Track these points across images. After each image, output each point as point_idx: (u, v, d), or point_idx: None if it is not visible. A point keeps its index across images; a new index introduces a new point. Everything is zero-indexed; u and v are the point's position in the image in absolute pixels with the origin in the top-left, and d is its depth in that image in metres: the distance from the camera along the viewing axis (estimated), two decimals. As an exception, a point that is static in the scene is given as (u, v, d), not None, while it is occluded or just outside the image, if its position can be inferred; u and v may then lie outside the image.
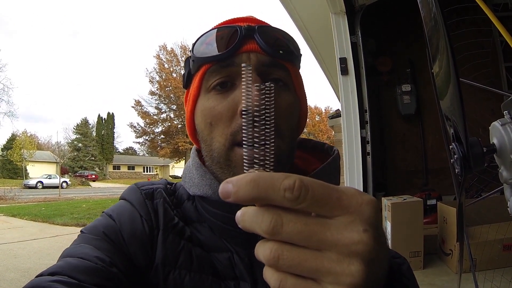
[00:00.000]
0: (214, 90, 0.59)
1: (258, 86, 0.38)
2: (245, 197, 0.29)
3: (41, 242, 7.37)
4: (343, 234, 0.28)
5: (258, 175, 0.29)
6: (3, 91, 30.72)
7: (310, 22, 4.30)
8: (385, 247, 0.31)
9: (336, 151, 0.71)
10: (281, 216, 0.29)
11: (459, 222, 1.51)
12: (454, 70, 0.84)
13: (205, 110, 0.60)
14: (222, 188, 0.30)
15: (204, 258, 0.58)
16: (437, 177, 4.23)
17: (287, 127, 0.59)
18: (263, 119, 0.37)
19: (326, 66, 5.69)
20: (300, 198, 0.28)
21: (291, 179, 0.28)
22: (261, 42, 0.58)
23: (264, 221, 0.29)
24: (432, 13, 0.87)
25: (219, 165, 0.59)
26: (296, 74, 0.64)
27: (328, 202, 0.29)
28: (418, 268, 2.98)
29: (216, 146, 0.58)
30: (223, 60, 0.59)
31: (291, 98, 0.61)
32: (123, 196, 0.66)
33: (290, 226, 0.28)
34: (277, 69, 0.60)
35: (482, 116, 2.98)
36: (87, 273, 0.48)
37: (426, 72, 3.41)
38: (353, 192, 0.30)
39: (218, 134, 0.58)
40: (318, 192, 0.29)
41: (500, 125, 1.17)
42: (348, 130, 3.45)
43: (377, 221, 0.30)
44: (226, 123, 0.57)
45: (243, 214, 0.30)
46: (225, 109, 0.57)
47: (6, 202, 15.69)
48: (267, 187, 0.28)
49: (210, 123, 0.59)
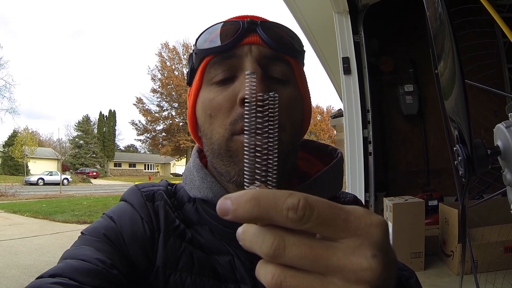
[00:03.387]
0: (215, 83, 0.59)
1: (262, 96, 0.36)
2: (245, 216, 0.27)
3: (41, 239, 7.38)
4: (350, 260, 0.26)
5: (259, 192, 0.27)
6: (5, 87, 30.90)
7: (313, 21, 4.29)
8: (394, 271, 0.29)
9: (339, 154, 0.70)
10: (284, 238, 0.27)
11: (462, 224, 1.51)
12: (460, 71, 0.84)
13: (205, 102, 0.60)
14: (220, 205, 0.28)
15: (205, 261, 0.58)
16: (439, 177, 4.23)
17: (288, 120, 0.58)
18: (265, 131, 0.35)
19: (328, 65, 5.67)
20: (305, 218, 0.26)
21: (295, 198, 0.27)
22: (263, 35, 0.58)
23: (265, 243, 0.27)
24: (438, 13, 0.86)
25: (220, 157, 0.57)
26: (299, 69, 0.63)
27: (335, 224, 0.27)
28: (419, 269, 2.97)
29: (216, 138, 0.57)
30: (224, 51, 0.58)
31: (293, 92, 0.60)
32: (123, 198, 0.65)
33: (293, 250, 0.27)
34: (279, 63, 0.59)
35: (484, 117, 2.98)
36: (87, 275, 0.48)
37: (428, 72, 3.39)
38: (361, 213, 0.28)
39: (218, 125, 0.57)
40: (323, 212, 0.27)
41: (504, 127, 1.16)
42: (350, 130, 3.44)
43: (387, 244, 0.28)
44: (225, 113, 0.56)
45: (243, 233, 0.29)
46: (225, 100, 0.56)
47: (7, 199, 15.73)
48: (269, 206, 0.27)
49: (210, 114, 0.58)
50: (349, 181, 3.42)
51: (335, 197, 0.72)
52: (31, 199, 15.74)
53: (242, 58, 0.58)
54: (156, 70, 39.40)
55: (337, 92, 6.90)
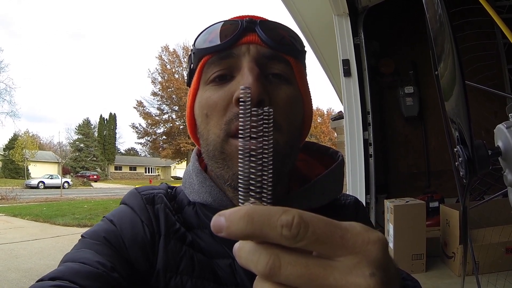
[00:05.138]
0: (212, 82, 0.58)
1: (256, 111, 0.35)
2: (238, 234, 0.27)
3: (42, 242, 7.38)
4: (347, 279, 0.25)
5: (253, 209, 0.27)
6: (5, 91, 30.95)
7: (313, 23, 4.29)
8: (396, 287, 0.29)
9: (340, 156, 0.69)
10: (279, 257, 0.26)
11: (463, 225, 1.50)
12: (460, 72, 0.83)
13: (201, 101, 0.59)
14: (214, 222, 0.28)
15: (206, 264, 0.58)
16: (439, 179, 4.22)
17: (285, 121, 0.57)
18: (260, 152, 0.34)
19: (328, 67, 5.67)
20: (299, 236, 0.26)
21: (289, 215, 0.26)
22: (262, 34, 0.57)
23: (260, 262, 0.26)
24: (438, 14, 0.86)
25: (215, 159, 0.57)
26: (299, 69, 0.62)
27: (331, 241, 0.26)
28: (420, 271, 2.97)
29: (212, 139, 0.57)
30: (222, 50, 0.58)
31: (292, 92, 0.59)
32: (123, 201, 0.65)
33: (288, 269, 0.26)
34: (278, 62, 0.59)
35: (485, 118, 2.98)
36: (88, 278, 0.48)
37: (429, 74, 3.39)
38: (359, 230, 0.27)
39: (213, 125, 0.56)
40: (319, 229, 0.26)
41: (505, 127, 1.16)
42: (350, 132, 3.43)
43: (386, 262, 0.27)
44: (221, 112, 0.56)
45: (239, 250, 0.28)
46: (221, 98, 0.56)
47: (7, 202, 15.74)
48: (263, 223, 0.26)
49: (206, 114, 0.58)
50: (350, 183, 3.41)
51: (336, 200, 0.72)
52: (32, 203, 15.74)
53: (239, 58, 0.57)
54: (157, 73, 39.50)
55: (337, 94, 6.90)
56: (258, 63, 0.56)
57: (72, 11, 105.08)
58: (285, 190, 0.65)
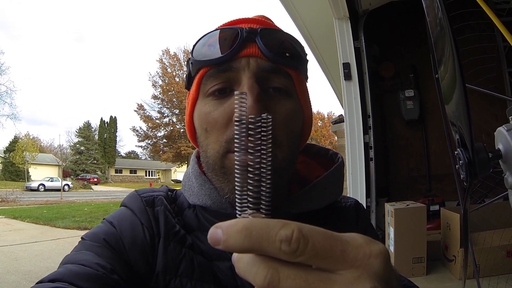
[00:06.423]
0: (212, 95, 0.57)
1: (253, 118, 0.35)
2: (236, 247, 0.26)
3: (42, 245, 7.37)
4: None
5: (251, 222, 0.26)
6: (6, 93, 30.99)
7: (313, 27, 4.30)
8: None
9: (340, 158, 0.69)
10: (278, 271, 0.26)
11: (464, 228, 1.50)
12: (460, 75, 0.84)
13: (201, 115, 0.59)
14: (211, 234, 0.28)
15: (206, 267, 0.57)
16: (440, 182, 4.21)
17: (285, 136, 0.56)
18: (258, 149, 0.33)
19: (329, 71, 5.68)
20: (299, 251, 0.25)
21: (288, 229, 0.25)
22: (262, 46, 0.55)
23: (259, 275, 0.26)
24: (438, 18, 0.86)
25: (214, 172, 0.57)
26: (300, 80, 0.61)
27: (331, 255, 0.26)
28: (421, 274, 2.96)
29: (211, 153, 0.56)
30: (221, 64, 0.56)
31: (293, 106, 0.59)
32: (123, 203, 0.65)
33: (288, 283, 0.25)
34: (279, 76, 0.57)
35: (485, 121, 2.97)
36: (88, 280, 0.48)
37: (429, 77, 3.39)
38: (360, 242, 0.27)
39: (213, 141, 0.56)
40: (319, 244, 0.25)
41: (505, 130, 1.16)
42: (351, 136, 3.43)
43: (388, 275, 0.27)
44: (220, 130, 0.55)
45: (238, 260, 0.28)
46: (220, 116, 0.55)
47: (7, 204, 15.74)
48: (261, 237, 0.25)
49: (205, 129, 0.57)
50: (351, 186, 3.41)
51: (336, 202, 0.72)
52: (32, 205, 15.74)
53: (239, 72, 0.56)
54: (157, 76, 39.53)
55: (337, 98, 6.91)
56: (258, 78, 0.55)
57: (73, 13, 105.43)
58: (285, 192, 0.65)
